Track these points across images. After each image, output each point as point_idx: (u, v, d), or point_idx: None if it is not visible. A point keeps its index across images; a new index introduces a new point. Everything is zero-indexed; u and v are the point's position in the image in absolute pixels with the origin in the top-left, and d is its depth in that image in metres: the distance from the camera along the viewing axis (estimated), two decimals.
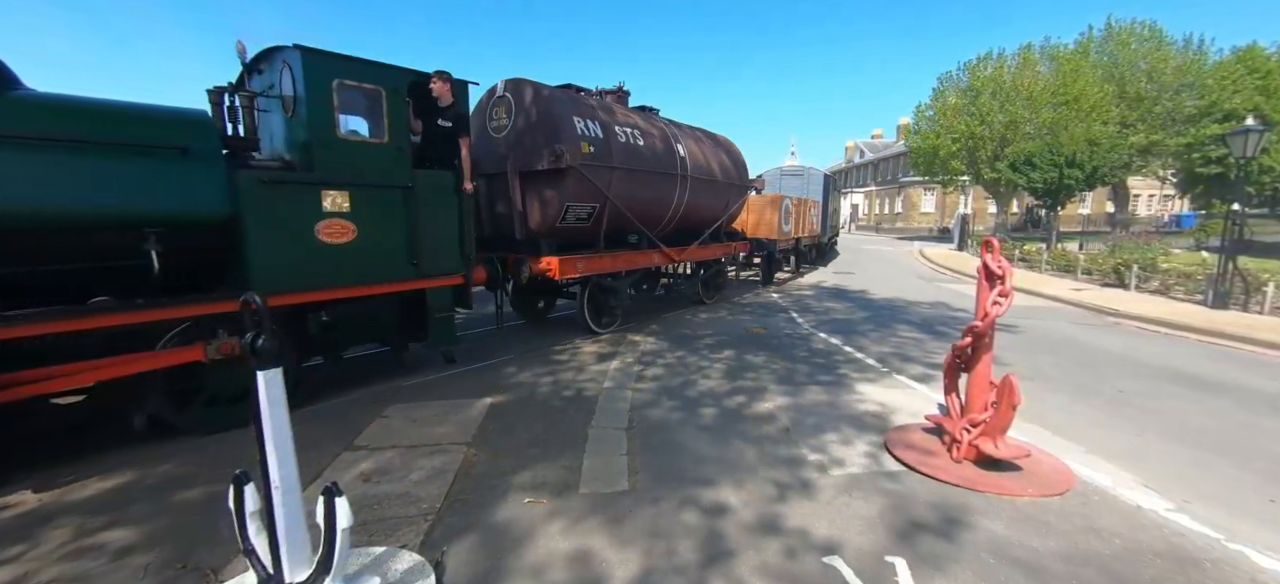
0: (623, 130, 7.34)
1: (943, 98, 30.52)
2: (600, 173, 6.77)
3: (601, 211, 7.05)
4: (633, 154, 7.35)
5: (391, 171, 4.79)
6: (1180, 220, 33.87)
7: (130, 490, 3.36)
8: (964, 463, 3.70)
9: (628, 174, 7.24)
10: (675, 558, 2.75)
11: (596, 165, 6.69)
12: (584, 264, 7.00)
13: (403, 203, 4.89)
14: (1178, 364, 6.73)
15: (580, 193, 6.64)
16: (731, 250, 10.78)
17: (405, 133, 4.92)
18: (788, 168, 19.01)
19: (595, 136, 6.77)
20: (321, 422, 4.49)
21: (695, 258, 9.66)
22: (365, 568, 2.52)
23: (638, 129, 7.68)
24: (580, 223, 6.97)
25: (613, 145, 7.01)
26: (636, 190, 7.49)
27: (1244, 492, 3.55)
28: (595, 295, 7.61)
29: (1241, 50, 27.10)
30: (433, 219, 5.13)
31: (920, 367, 6.35)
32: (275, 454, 2.02)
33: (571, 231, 6.99)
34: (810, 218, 16.43)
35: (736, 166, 10.29)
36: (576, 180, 6.48)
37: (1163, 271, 12.22)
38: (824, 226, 18.76)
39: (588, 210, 6.91)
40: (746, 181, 10.59)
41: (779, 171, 18.20)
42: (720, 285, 10.92)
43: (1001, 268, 3.56)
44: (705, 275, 10.36)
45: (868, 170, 59.48)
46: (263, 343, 1.97)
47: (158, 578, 2.57)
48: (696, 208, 8.91)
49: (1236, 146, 10.25)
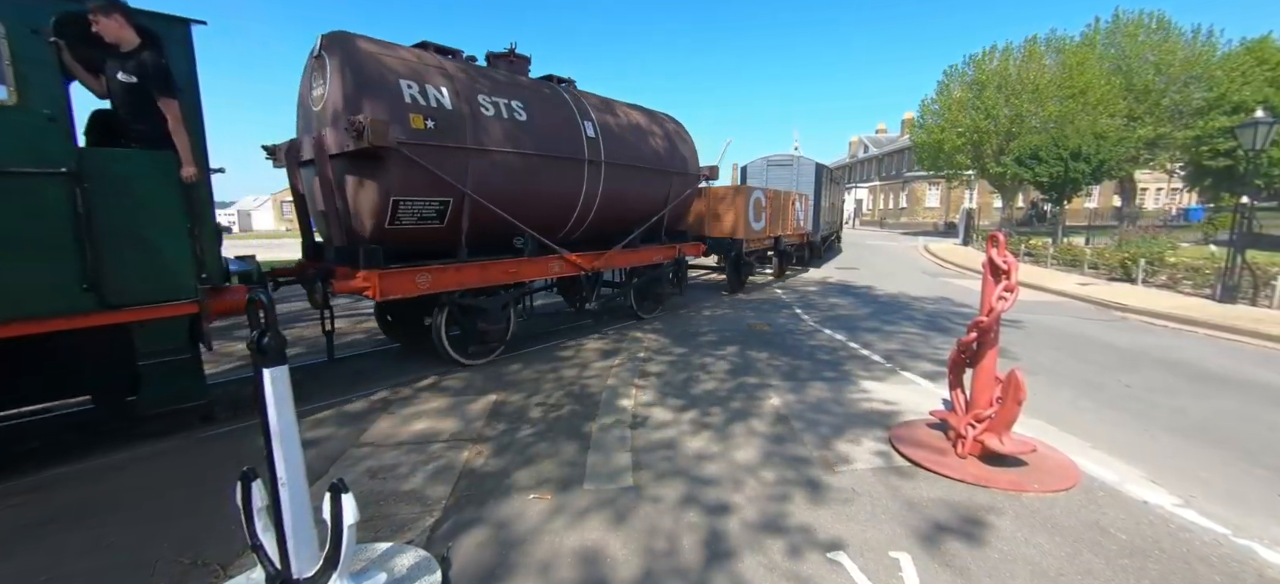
0: (492, 102, 5.70)
1: (948, 92, 30.31)
2: (450, 156, 5.22)
3: (457, 208, 5.44)
4: (510, 133, 5.78)
5: (29, 148, 3.25)
6: (1188, 214, 33.57)
7: (137, 487, 3.39)
8: (969, 459, 3.69)
9: (501, 158, 5.68)
10: (679, 555, 2.76)
11: (442, 146, 5.12)
12: (431, 279, 5.35)
13: (61, 196, 3.34)
14: (1185, 359, 6.69)
15: (414, 183, 5.03)
16: (675, 253, 8.94)
17: (55, 90, 3.37)
18: (774, 157, 16.70)
19: (439, 108, 5.16)
20: (327, 420, 4.52)
21: (622, 264, 7.88)
22: (372, 564, 2.53)
23: (518, 101, 6.02)
24: (425, 223, 5.32)
25: (472, 121, 5.42)
26: (517, 180, 5.91)
27: (1251, 487, 3.52)
28: (459, 319, 5.94)
29: (1252, 42, 26.77)
30: (129, 220, 3.60)
31: (926, 363, 6.33)
32: (282, 451, 2.03)
33: (413, 235, 5.29)
34: (794, 213, 14.19)
35: (680, 151, 8.59)
36: (404, 166, 4.88)
37: (1170, 266, 12.12)
38: (816, 223, 16.46)
39: (434, 207, 5.28)
40: (695, 169, 8.97)
41: (764, 162, 16.53)
42: (660, 296, 9.00)
43: (1007, 263, 3.54)
44: (639, 284, 8.52)
45: (872, 165, 59.19)
46: (268, 341, 1.98)
47: (166, 574, 2.59)
48: (620, 201, 7.36)
49: (1246, 139, 10.14)
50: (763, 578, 2.58)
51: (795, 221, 14.28)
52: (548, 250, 6.56)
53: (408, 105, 4.94)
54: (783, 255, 13.89)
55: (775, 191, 12.86)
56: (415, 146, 4.93)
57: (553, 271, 6.79)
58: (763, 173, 16.28)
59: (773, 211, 12.39)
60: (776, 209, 12.67)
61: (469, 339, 6.02)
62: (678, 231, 9.27)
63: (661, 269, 8.81)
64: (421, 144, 4.98)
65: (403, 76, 5.03)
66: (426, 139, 5.04)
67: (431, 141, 5.07)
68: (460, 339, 6.01)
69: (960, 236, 26.27)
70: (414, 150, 4.92)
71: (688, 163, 8.73)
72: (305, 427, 4.33)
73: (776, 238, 12.91)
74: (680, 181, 8.54)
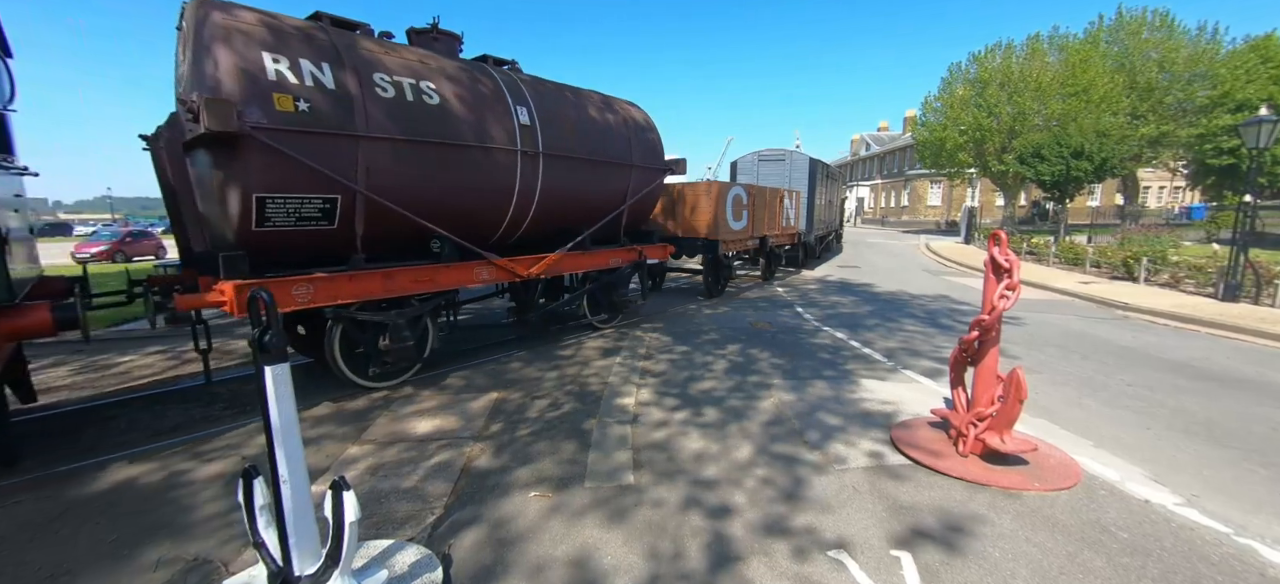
0: (393, 82, 4.83)
1: (950, 89, 30.23)
2: (334, 145, 4.37)
3: (349, 206, 4.61)
4: (416, 119, 4.91)
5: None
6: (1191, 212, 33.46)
7: (138, 485, 3.40)
8: (970, 458, 3.69)
9: (405, 149, 4.83)
10: (679, 554, 2.76)
11: (321, 133, 4.29)
12: (313, 290, 4.48)
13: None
14: (1187, 358, 6.67)
15: (285, 177, 4.16)
16: (635, 255, 7.93)
17: None
18: (766, 153, 15.74)
19: (317, 87, 4.31)
20: (329, 417, 4.53)
21: (569, 268, 6.96)
22: (373, 561, 2.54)
23: (430, 83, 5.13)
24: (308, 225, 4.45)
25: (364, 103, 4.56)
26: (429, 174, 5.07)
27: (1254, 486, 3.52)
28: (355, 336, 5.04)
29: (1256, 39, 26.64)
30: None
31: (928, 361, 6.32)
32: (283, 449, 2.03)
33: (293, 239, 4.45)
34: (783, 212, 13.15)
35: (642, 142, 7.65)
36: (266, 156, 4.01)
37: (1173, 264, 12.09)
38: (809, 222, 15.37)
39: (318, 205, 4.42)
40: (659, 163, 7.98)
41: (755, 157, 15.67)
42: (620, 304, 8.01)
43: (1009, 261, 3.54)
44: (593, 290, 7.59)
45: (873, 163, 59.09)
46: (270, 339, 1.99)
47: (168, 571, 2.60)
48: (567, 198, 6.53)
49: (1250, 137, 10.10)
50: (763, 577, 2.58)
51: (785, 220, 13.34)
52: (471, 254, 5.63)
53: (272, 83, 4.08)
54: (770, 256, 13.12)
55: (760, 188, 12.02)
56: (281, 133, 4.06)
57: (479, 279, 5.83)
58: (753, 168, 15.49)
59: (757, 209, 11.48)
60: (761, 207, 11.71)
61: (370, 359, 5.10)
62: (643, 231, 8.43)
63: (620, 273, 7.81)
64: (291, 130, 4.11)
65: (267, 49, 4.13)
66: (298, 124, 4.16)
67: (306, 127, 4.21)
68: (365, 358, 5.14)
69: (962, 235, 26.23)
70: (279, 137, 4.05)
71: (650, 155, 7.80)
72: (306, 426, 4.34)
73: (762, 238, 11.99)
74: (641, 176, 7.61)
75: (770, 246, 12.77)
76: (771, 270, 13.48)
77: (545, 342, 7.08)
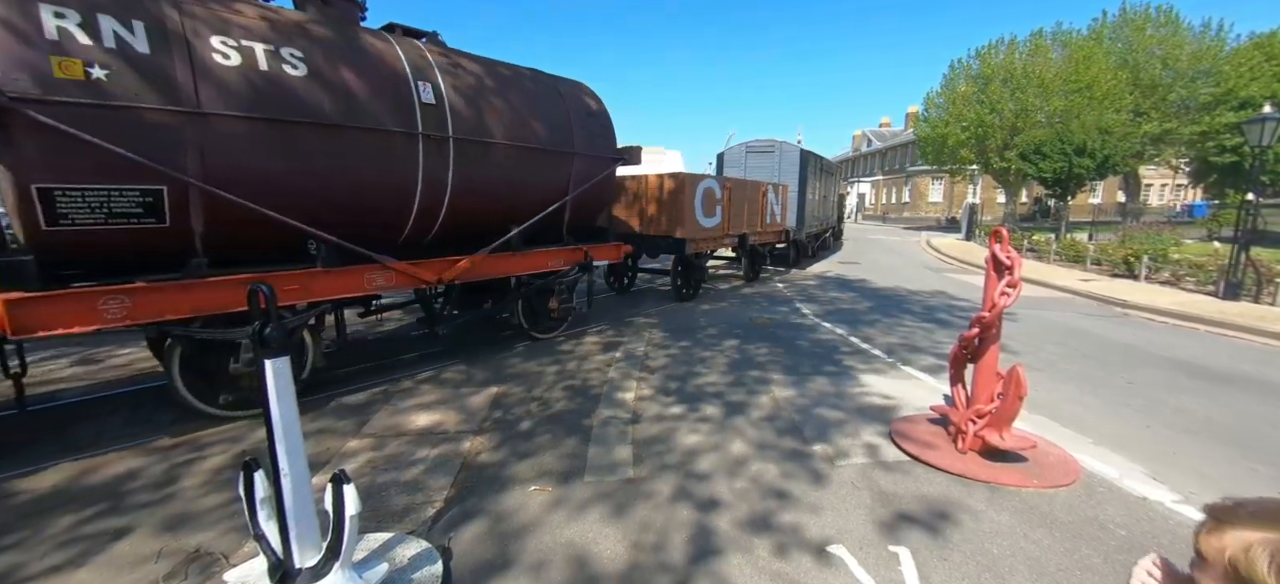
0: (237, 47, 3.93)
1: (953, 86, 30.12)
2: (148, 124, 3.54)
3: (180, 199, 3.75)
4: (271, 93, 4.03)
5: None
6: (1192, 210, 33.43)
7: (140, 475, 3.41)
8: (970, 454, 3.70)
9: (260, 129, 3.99)
10: (679, 548, 2.77)
11: (128, 107, 3.46)
12: (128, 304, 3.63)
13: None
14: (1187, 356, 6.67)
15: (79, 163, 3.36)
16: (581, 256, 6.92)
17: None
18: (754, 144, 14.85)
19: (122, 50, 3.47)
20: (331, 410, 4.53)
21: (492, 272, 5.90)
22: (373, 553, 2.55)
23: (293, 49, 4.21)
24: (125, 222, 3.60)
25: (193, 72, 3.70)
26: (293, 161, 4.21)
27: (1252, 484, 3.53)
28: (197, 358, 4.16)
29: (1260, 37, 26.52)
30: None
31: (928, 357, 6.32)
32: (284, 442, 2.04)
33: (105, 241, 3.62)
34: (767, 207, 12.00)
35: (587, 127, 6.66)
36: (42, 137, 3.21)
37: (1173, 262, 12.08)
38: (800, 218, 14.27)
39: (135, 199, 3.59)
40: (609, 151, 7.01)
41: (743, 148, 14.82)
42: (563, 314, 6.98)
43: (1010, 258, 3.53)
44: (529, 295, 6.54)
45: (875, 159, 58.96)
46: (271, 332, 1.99)
47: (169, 562, 2.61)
48: (491, 191, 5.62)
49: (1253, 135, 10.07)
50: (761, 572, 2.59)
51: (770, 216, 12.32)
52: (355, 258, 4.67)
53: (50, 43, 3.23)
54: (753, 256, 12.18)
55: (739, 181, 11.14)
56: (64, 107, 3.23)
57: (371, 285, 4.91)
58: (742, 160, 14.61)
59: (734, 205, 10.44)
60: (740, 202, 10.72)
61: (217, 385, 4.23)
62: (597, 229, 7.62)
63: (561, 277, 6.79)
64: (81, 104, 3.28)
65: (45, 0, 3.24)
66: (93, 96, 3.33)
67: (103, 101, 3.36)
68: (215, 382, 4.24)
69: (963, 232, 26.19)
70: (62, 113, 3.22)
71: (598, 142, 6.84)
72: (306, 419, 4.35)
73: (742, 235, 11.01)
74: (587, 165, 6.61)
75: (752, 245, 11.80)
76: (755, 271, 12.54)
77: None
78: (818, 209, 16.48)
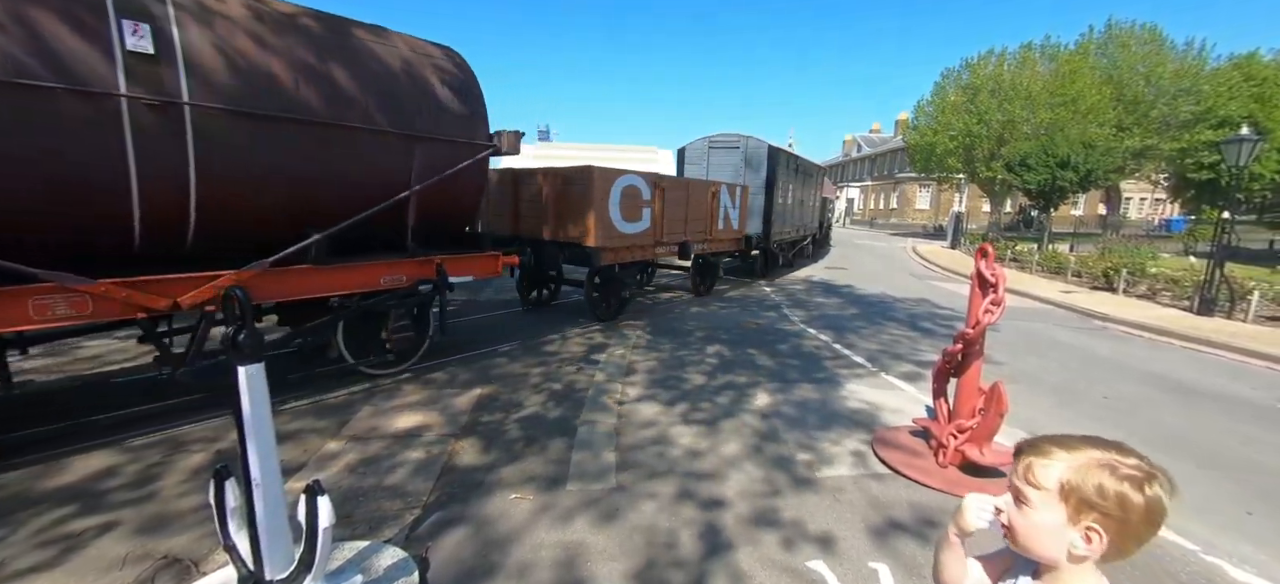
0: None
1: (942, 94, 30.46)
2: None
3: None
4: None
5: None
6: (1170, 224, 34.20)
7: (111, 478, 3.32)
8: (950, 468, 3.73)
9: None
10: (661, 557, 2.76)
11: None
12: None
13: None
14: (1162, 370, 6.81)
15: None
16: (432, 269, 5.28)
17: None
18: (718, 138, 13.23)
19: None
20: (310, 411, 4.45)
21: (274, 294, 4.34)
22: (348, 563, 2.50)
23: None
24: None
25: None
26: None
27: (1223, 502, 3.60)
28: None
29: (1239, 57, 27.18)
30: None
31: (908, 364, 6.38)
32: (256, 451, 1.98)
33: None
34: (719, 210, 10.22)
35: (437, 101, 5.16)
36: None
37: (1151, 276, 12.34)
38: (766, 224, 12.59)
39: None
40: (474, 134, 5.45)
41: (706, 143, 13.25)
42: (404, 344, 5.26)
43: (995, 275, 3.56)
44: (350, 321, 4.97)
45: (865, 164, 59.49)
46: (244, 338, 1.93)
47: (136, 567, 2.54)
48: (275, 184, 4.22)
49: (1230, 155, 10.30)
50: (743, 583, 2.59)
51: (724, 221, 10.55)
52: (19, 277, 3.14)
53: None
54: (706, 267, 10.72)
55: (678, 180, 9.56)
56: None
57: (46, 315, 3.33)
58: (703, 156, 13.19)
59: (670, 207, 8.67)
60: (678, 203, 8.92)
61: None
62: (466, 235, 6.21)
63: (400, 298, 5.13)
64: None
65: None
66: None
67: None
68: None
69: (948, 240, 26.51)
70: None
71: (460, 123, 5.31)
72: (285, 418, 4.26)
73: (682, 243, 9.15)
74: (441, 152, 5.07)
75: (703, 255, 10.27)
76: (708, 284, 10.96)
77: (529, 339, 6.96)
78: (793, 213, 14.76)
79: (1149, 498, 0.90)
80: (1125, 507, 0.90)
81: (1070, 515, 0.94)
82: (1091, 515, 0.92)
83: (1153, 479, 0.91)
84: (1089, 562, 0.96)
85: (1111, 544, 0.93)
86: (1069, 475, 0.93)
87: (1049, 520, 0.96)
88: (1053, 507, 0.95)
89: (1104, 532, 0.92)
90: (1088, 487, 0.92)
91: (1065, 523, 0.94)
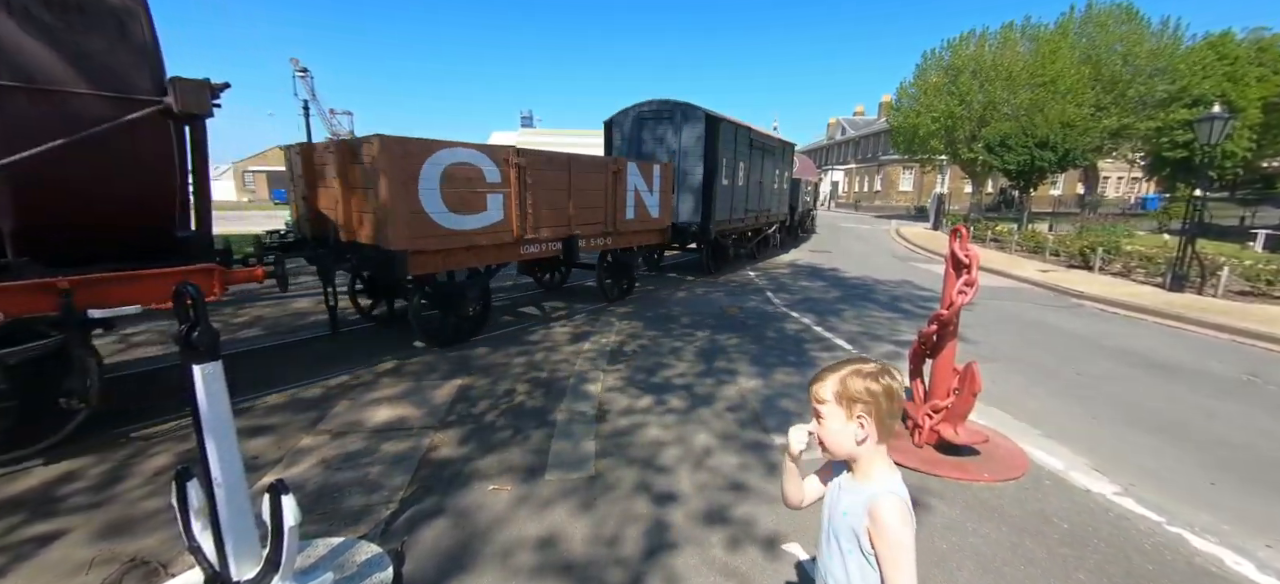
0: None
1: (925, 76, 30.55)
2: None
3: None
4: None
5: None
6: (1145, 202, 34.89)
7: (76, 480, 3.24)
8: (925, 448, 3.79)
9: None
10: (639, 544, 2.76)
11: None
12: None
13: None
14: (1135, 346, 6.97)
15: None
16: (38, 304, 3.33)
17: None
18: (647, 107, 10.86)
19: None
20: (285, 405, 4.38)
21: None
22: (321, 560, 2.47)
23: None
24: None
25: None
26: None
27: (1187, 474, 3.70)
28: None
29: (1213, 36, 27.59)
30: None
31: (888, 345, 6.45)
32: (216, 451, 1.94)
33: None
34: (625, 194, 8.23)
35: (51, 35, 3.21)
36: None
37: (1125, 254, 12.58)
38: (706, 211, 10.43)
39: None
40: (134, 82, 3.49)
41: (634, 114, 10.99)
42: (83, 388, 3.55)
43: (968, 256, 3.59)
44: None
45: (849, 147, 59.68)
46: (199, 336, 1.87)
47: (103, 570, 2.49)
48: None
49: (1203, 133, 10.48)
50: (715, 568, 2.61)
51: (636, 209, 8.57)
52: None
53: None
54: (617, 267, 8.70)
55: (551, 156, 6.98)
56: None
57: None
58: (631, 129, 10.88)
59: (542, 192, 6.68)
60: (556, 187, 6.93)
61: None
62: (156, 238, 3.87)
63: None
64: None
65: None
66: None
67: None
68: None
69: (931, 221, 26.78)
70: None
71: (103, 68, 3.40)
72: (260, 413, 4.19)
73: (567, 239, 7.24)
74: (63, 109, 3.26)
75: (614, 251, 8.49)
76: (621, 287, 8.88)
77: (509, 328, 6.92)
78: (749, 196, 12.44)
79: (886, 384, 1.26)
80: (872, 394, 1.25)
81: (846, 414, 1.28)
82: (857, 407, 1.26)
83: (886, 372, 1.28)
84: (870, 443, 1.28)
85: (878, 423, 1.27)
86: (836, 386, 1.29)
87: (836, 424, 1.30)
88: (835, 413, 1.29)
89: (869, 414, 1.26)
90: (850, 388, 1.27)
91: (846, 421, 1.28)
